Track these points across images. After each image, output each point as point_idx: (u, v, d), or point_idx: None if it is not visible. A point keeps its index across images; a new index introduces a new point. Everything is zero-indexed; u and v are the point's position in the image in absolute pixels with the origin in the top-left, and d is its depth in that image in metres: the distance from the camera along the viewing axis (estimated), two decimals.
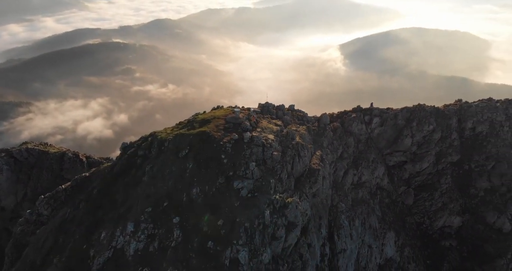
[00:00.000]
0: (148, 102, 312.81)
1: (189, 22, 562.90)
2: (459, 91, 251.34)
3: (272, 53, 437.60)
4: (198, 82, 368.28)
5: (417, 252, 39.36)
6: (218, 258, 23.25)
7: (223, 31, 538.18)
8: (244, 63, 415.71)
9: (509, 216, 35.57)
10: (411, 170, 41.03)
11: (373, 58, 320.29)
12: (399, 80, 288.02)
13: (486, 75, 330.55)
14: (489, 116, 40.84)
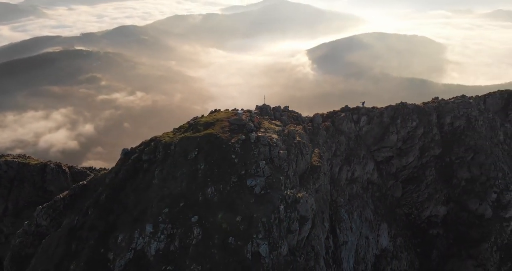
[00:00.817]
0: (115, 111, 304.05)
1: (156, 28, 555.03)
2: (419, 91, 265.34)
3: (242, 58, 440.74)
4: (168, 88, 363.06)
5: (408, 241, 41.95)
6: (239, 252, 24.21)
7: (192, 37, 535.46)
8: (215, 69, 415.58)
9: (490, 203, 38.87)
10: (398, 165, 43.72)
11: (339, 62, 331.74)
12: (364, 83, 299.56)
13: (443, 76, 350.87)
14: (465, 112, 44.49)
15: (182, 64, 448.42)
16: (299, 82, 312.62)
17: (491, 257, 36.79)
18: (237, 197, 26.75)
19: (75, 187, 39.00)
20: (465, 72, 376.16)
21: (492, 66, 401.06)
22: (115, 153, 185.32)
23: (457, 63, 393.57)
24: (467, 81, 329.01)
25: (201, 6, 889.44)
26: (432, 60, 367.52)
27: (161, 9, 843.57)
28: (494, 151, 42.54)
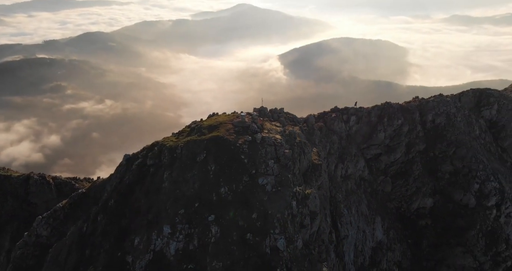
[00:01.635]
0: (83, 121, 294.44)
1: (124, 34, 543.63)
2: (385, 93, 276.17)
3: (215, 64, 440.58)
4: (139, 96, 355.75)
5: (400, 233, 44.34)
6: (258, 247, 25.15)
7: (162, 43, 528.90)
8: (187, 75, 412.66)
9: (473, 193, 41.98)
10: (386, 161, 46.18)
11: (310, 67, 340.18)
12: (334, 86, 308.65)
13: (406, 79, 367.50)
14: (444, 109, 47.83)
15: (153, 70, 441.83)
16: (273, 87, 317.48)
17: (478, 243, 39.72)
18: (251, 196, 27.69)
19: (74, 195, 38.55)
20: (427, 74, 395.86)
21: (450, 68, 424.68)
22: (83, 164, 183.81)
23: (419, 66, 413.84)
24: (428, 82, 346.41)
25: (170, 12, 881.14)
26: (396, 63, 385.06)
27: (128, 15, 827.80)
28: (473, 145, 46.02)
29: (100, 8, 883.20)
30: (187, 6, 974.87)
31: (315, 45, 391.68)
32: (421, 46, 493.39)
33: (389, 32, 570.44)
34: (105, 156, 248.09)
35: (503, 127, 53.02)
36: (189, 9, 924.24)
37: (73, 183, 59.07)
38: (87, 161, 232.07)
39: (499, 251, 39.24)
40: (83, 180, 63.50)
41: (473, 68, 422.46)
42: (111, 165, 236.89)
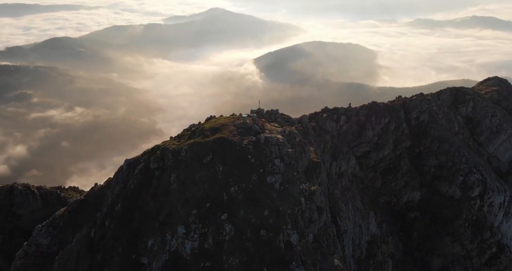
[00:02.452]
0: (51, 129, 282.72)
1: (93, 39, 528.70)
2: (357, 95, 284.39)
3: (190, 68, 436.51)
4: (111, 102, 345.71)
5: (391, 226, 46.45)
6: (272, 243, 26.08)
7: (133, 48, 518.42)
8: (161, 80, 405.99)
9: (458, 185, 44.71)
10: (375, 158, 48.34)
11: (284, 70, 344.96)
12: (309, 89, 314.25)
13: (376, 80, 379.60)
14: (427, 107, 50.68)
15: (125, 75, 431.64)
16: (250, 90, 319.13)
17: (465, 232, 42.36)
18: (261, 194, 28.58)
19: (73, 203, 38.07)
20: (395, 75, 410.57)
21: (416, 69, 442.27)
22: (53, 175, 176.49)
23: (388, 68, 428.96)
24: (397, 83, 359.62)
25: (141, 16, 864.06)
26: (366, 66, 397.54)
27: (97, 19, 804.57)
28: (454, 140, 49.03)
29: (66, 12, 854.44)
30: (159, 10, 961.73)
31: (289, 49, 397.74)
32: (389, 49, 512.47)
33: (358, 36, 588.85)
34: (76, 166, 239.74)
35: (478, 123, 56.69)
36: (160, 13, 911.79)
37: (58, 192, 57.80)
38: (57, 172, 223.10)
39: (485, 238, 42.03)
40: (68, 189, 62.20)
41: (437, 69, 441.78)
42: (83, 175, 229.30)
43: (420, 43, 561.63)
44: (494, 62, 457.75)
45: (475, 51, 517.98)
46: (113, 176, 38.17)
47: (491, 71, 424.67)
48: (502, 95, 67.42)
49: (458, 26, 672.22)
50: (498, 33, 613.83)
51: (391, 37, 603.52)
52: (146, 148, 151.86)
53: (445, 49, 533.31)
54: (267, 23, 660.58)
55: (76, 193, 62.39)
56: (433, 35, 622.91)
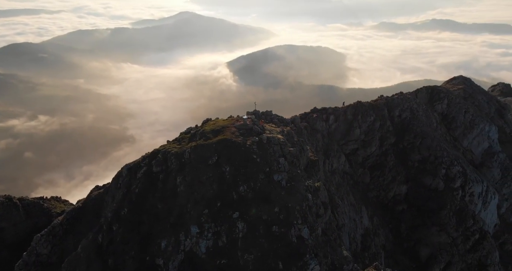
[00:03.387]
0: (13, 140, 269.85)
1: (56, 44, 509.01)
2: (328, 97, 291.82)
3: (161, 72, 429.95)
4: (78, 109, 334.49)
5: (381, 219, 48.73)
6: (285, 238, 27.12)
7: (100, 53, 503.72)
8: (131, 85, 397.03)
9: (441, 177, 47.67)
10: (363, 154, 50.59)
11: (258, 73, 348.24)
12: (282, 92, 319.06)
13: (346, 82, 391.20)
14: (408, 105, 53.66)
15: (92, 81, 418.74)
16: (224, 94, 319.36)
17: (450, 222, 45.22)
18: (269, 191, 29.57)
19: (71, 210, 37.48)
20: (363, 77, 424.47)
21: (383, 71, 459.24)
22: (16, 188, 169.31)
23: (356, 70, 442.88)
24: (365, 84, 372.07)
25: (108, 20, 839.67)
26: (336, 68, 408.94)
27: (60, 24, 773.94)
28: (435, 135, 52.21)
29: (26, 17, 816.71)
30: (126, 14, 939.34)
31: (261, 53, 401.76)
32: (357, 52, 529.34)
33: (327, 39, 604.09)
34: (41, 177, 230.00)
35: (453, 119, 60.51)
36: (128, 17, 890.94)
37: (41, 203, 56.33)
38: (21, 185, 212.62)
39: (468, 226, 45.07)
40: (51, 199, 60.69)
41: (401, 70, 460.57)
42: (50, 186, 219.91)
43: (385, 45, 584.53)
44: (453, 62, 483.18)
45: (435, 52, 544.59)
46: (111, 182, 37.92)
47: (451, 71, 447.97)
48: (467, 92, 72.08)
49: (419, 29, 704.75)
50: (456, 35, 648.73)
51: (358, 40, 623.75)
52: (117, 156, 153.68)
53: (408, 51, 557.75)
54: (238, 27, 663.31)
55: (59, 203, 60.89)
56: (397, 38, 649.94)
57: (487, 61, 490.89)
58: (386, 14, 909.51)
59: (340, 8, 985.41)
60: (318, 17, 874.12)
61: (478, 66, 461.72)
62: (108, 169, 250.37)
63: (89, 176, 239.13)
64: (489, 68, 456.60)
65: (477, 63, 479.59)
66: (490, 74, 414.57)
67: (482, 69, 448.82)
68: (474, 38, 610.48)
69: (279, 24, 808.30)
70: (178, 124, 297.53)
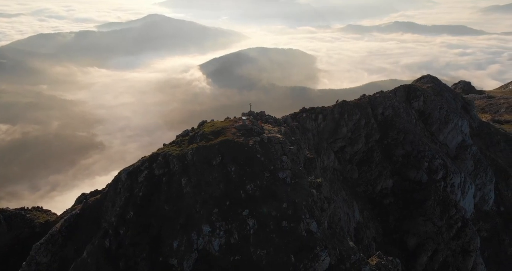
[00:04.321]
0: None
1: (15, 49, 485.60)
2: (301, 98, 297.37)
3: (130, 76, 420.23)
4: (41, 116, 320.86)
5: (371, 212, 50.92)
6: (295, 232, 28.24)
7: (64, 57, 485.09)
8: (99, 89, 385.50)
9: (424, 170, 50.51)
10: (351, 151, 52.67)
11: (231, 76, 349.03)
12: (256, 94, 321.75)
13: (317, 83, 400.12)
14: (390, 103, 56.40)
15: (56, 87, 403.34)
16: (198, 97, 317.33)
17: (434, 211, 48.00)
18: (275, 188, 30.59)
19: (70, 217, 36.91)
20: (333, 78, 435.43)
21: (351, 72, 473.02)
22: None
23: (326, 71, 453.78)
24: (335, 85, 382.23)
25: (71, 24, 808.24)
26: (307, 70, 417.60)
27: (19, 28, 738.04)
28: (416, 131, 55.22)
29: None
30: (91, 17, 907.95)
31: (233, 55, 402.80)
32: (326, 53, 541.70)
33: (298, 42, 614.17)
34: (3, 190, 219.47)
35: (429, 115, 64.05)
36: (93, 20, 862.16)
37: (23, 214, 54.72)
38: None
39: (451, 215, 48.02)
40: (32, 210, 58.99)
41: (368, 70, 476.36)
42: (13, 199, 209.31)
43: (352, 47, 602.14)
44: (415, 62, 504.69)
45: (399, 53, 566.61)
46: (109, 188, 37.69)
47: (414, 70, 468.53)
48: (436, 90, 76.26)
49: (383, 31, 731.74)
50: (417, 37, 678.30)
51: (327, 42, 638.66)
52: (86, 164, 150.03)
53: (374, 52, 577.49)
54: (209, 29, 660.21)
55: (41, 213, 59.35)
56: (363, 40, 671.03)
57: (446, 60, 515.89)
58: (352, 17, 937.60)
59: (309, 11, 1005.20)
60: (288, 20, 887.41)
61: (438, 66, 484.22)
62: (77, 178, 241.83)
63: (56, 186, 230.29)
64: (448, 67, 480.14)
65: (437, 63, 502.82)
66: (449, 73, 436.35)
67: (442, 69, 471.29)
68: (434, 39, 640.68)
69: (250, 27, 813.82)
70: (150, 128, 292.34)
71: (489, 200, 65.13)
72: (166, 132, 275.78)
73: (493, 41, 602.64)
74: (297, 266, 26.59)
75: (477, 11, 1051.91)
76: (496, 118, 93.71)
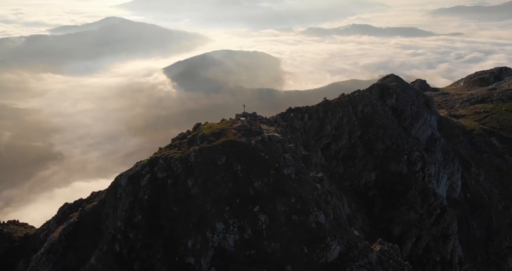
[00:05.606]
0: None
1: None
2: (268, 100, 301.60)
3: (89, 82, 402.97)
4: None
5: (357, 205, 53.57)
6: (305, 225, 29.66)
7: (13, 64, 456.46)
8: (55, 97, 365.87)
9: (404, 162, 53.94)
10: (335, 148, 55.13)
11: (197, 79, 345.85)
12: (224, 97, 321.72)
13: (283, 85, 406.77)
14: (368, 101, 59.62)
15: (6, 95, 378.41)
16: (163, 101, 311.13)
17: (416, 200, 51.40)
18: (282, 185, 31.88)
19: (69, 226, 35.95)
20: (298, 80, 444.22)
21: (314, 73, 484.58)
22: None
23: (291, 73, 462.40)
24: (300, 86, 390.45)
25: (21, 28, 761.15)
26: (273, 72, 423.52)
27: None
28: (393, 126, 58.79)
29: None
30: (42, 20, 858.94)
31: (199, 58, 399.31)
32: (290, 56, 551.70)
33: (262, 44, 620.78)
34: None
35: (402, 111, 68.21)
36: (44, 23, 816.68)
37: (0, 229, 52.87)
38: None
39: (430, 202, 51.65)
40: (9, 224, 56.83)
41: (330, 72, 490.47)
42: None
43: (314, 49, 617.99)
44: (373, 63, 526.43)
45: (358, 55, 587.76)
46: (107, 194, 37.36)
47: (372, 71, 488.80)
48: (400, 88, 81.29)
49: (342, 33, 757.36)
50: (373, 38, 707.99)
51: (290, 45, 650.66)
52: (44, 176, 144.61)
53: (335, 54, 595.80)
54: (171, 32, 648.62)
55: (18, 226, 57.57)
56: (324, 42, 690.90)
57: (400, 61, 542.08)
58: (313, 20, 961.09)
59: (271, 14, 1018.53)
60: (251, 23, 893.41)
61: (393, 66, 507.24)
62: (34, 191, 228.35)
63: (11, 201, 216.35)
64: (402, 67, 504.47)
65: (392, 63, 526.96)
66: (404, 72, 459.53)
67: (397, 68, 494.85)
68: (389, 41, 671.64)
69: (213, 30, 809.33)
70: (112, 135, 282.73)
71: (457, 188, 70.23)
72: (130, 138, 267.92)
73: (442, 42, 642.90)
74: (310, 256, 28.02)
75: (426, 13, 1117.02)
76: (452, 113, 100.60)
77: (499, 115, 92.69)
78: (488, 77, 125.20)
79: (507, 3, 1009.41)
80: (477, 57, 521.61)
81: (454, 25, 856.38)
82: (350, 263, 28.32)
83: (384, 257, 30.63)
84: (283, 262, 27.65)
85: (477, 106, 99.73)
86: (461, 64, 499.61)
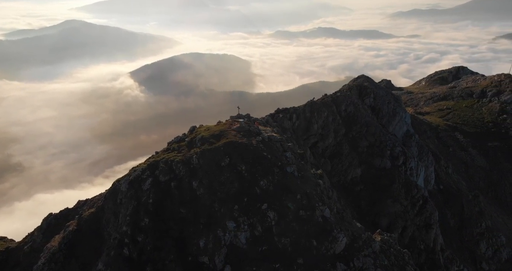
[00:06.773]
0: None
1: None
2: (240, 102, 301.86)
3: (49, 88, 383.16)
4: None
5: (346, 200, 55.64)
6: (312, 219, 30.88)
7: None
8: (12, 104, 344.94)
9: (387, 158, 56.67)
10: (322, 146, 57.01)
11: (166, 82, 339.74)
12: (194, 100, 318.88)
13: (254, 87, 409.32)
14: (350, 101, 62.09)
15: None
16: (130, 106, 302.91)
17: (400, 193, 54.17)
18: (287, 182, 32.91)
19: (68, 234, 35.11)
20: (268, 82, 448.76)
21: (284, 75, 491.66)
22: None
23: (261, 76, 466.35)
24: (271, 89, 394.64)
25: None
26: (244, 75, 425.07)
27: None
28: (375, 123, 61.56)
29: None
30: None
31: (167, 61, 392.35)
32: (259, 58, 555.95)
33: (231, 47, 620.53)
34: None
35: (380, 110, 71.48)
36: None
37: None
38: None
39: (413, 194, 54.64)
40: None
41: (299, 74, 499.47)
42: None
43: (283, 52, 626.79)
44: (339, 65, 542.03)
45: (324, 57, 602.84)
46: (106, 200, 36.81)
47: (338, 72, 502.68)
48: (371, 88, 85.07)
49: (308, 36, 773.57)
50: (338, 41, 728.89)
51: (259, 48, 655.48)
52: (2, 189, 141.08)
53: (303, 56, 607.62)
54: (137, 35, 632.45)
55: (3, 242, 54.97)
56: (292, 45, 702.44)
57: (364, 62, 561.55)
58: (280, 23, 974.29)
59: (239, 17, 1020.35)
60: (219, 25, 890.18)
61: (358, 67, 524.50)
62: None
63: None
64: (366, 68, 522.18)
65: (357, 64, 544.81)
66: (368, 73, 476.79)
67: (361, 70, 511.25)
68: (352, 43, 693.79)
69: (181, 33, 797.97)
70: (77, 144, 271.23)
71: (431, 180, 74.36)
72: (97, 146, 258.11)
73: (401, 44, 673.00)
74: (319, 249, 29.25)
75: (385, 16, 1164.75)
76: (418, 110, 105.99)
77: (460, 112, 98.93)
78: (447, 76, 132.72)
79: (459, 6, 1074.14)
80: (433, 58, 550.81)
81: (412, 27, 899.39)
82: (356, 253, 29.80)
83: (385, 246, 32.45)
84: (294, 256, 28.64)
85: (440, 104, 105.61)
86: (419, 65, 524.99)
